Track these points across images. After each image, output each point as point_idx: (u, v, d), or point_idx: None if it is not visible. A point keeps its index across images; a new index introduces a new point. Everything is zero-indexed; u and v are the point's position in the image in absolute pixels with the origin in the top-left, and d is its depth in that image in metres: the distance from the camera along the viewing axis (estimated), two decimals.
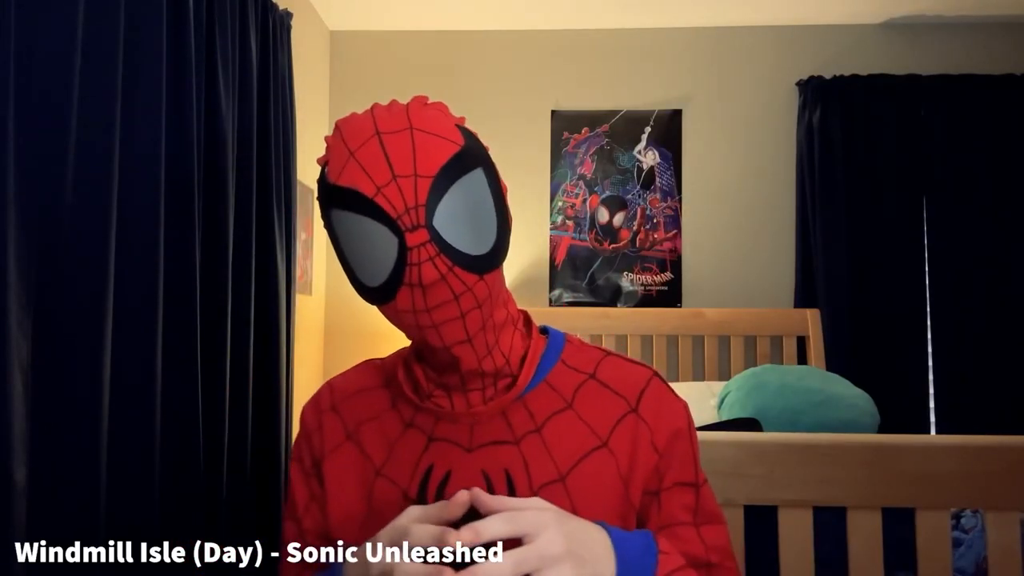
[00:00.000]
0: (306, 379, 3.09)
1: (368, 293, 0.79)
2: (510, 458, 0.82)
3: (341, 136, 0.78)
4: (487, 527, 0.67)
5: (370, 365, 0.95)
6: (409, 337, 0.84)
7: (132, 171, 1.65)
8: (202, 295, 1.97)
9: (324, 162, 0.79)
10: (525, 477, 0.81)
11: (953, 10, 3.14)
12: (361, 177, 0.75)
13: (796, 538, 1.10)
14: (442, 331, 0.78)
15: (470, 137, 0.79)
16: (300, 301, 2.98)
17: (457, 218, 0.76)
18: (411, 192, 0.74)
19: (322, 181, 0.79)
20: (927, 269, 3.15)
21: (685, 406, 0.89)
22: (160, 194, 1.69)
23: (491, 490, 0.81)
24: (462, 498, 0.70)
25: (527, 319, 0.92)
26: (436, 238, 0.75)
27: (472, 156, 0.78)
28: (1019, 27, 3.26)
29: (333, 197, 0.77)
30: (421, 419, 0.86)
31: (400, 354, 0.93)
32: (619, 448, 0.83)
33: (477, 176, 0.78)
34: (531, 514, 0.69)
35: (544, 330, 0.94)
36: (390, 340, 3.33)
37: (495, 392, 0.85)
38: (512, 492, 0.81)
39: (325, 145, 0.81)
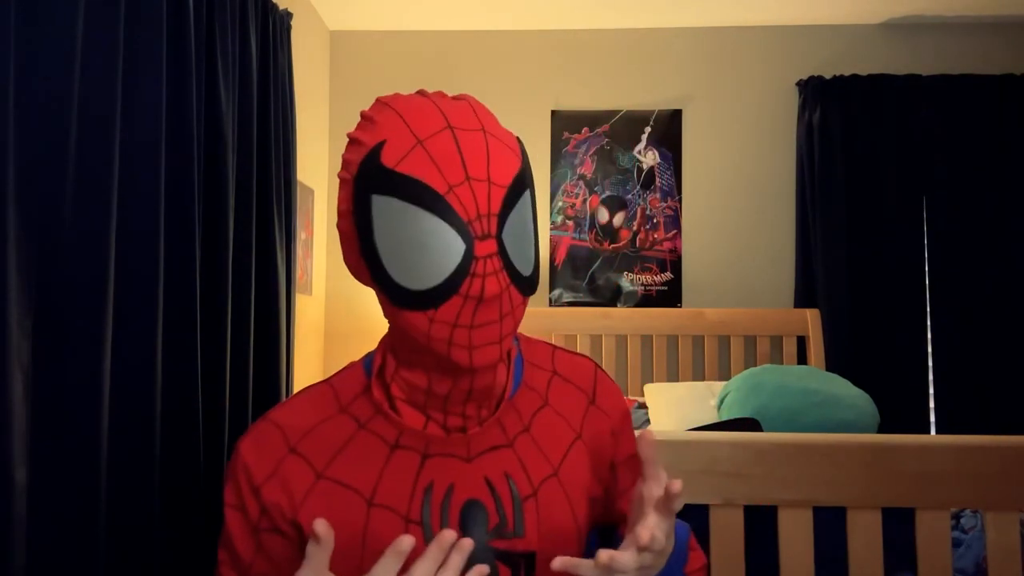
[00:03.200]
0: (306, 379, 3.09)
1: (401, 295, 0.71)
2: (508, 460, 0.81)
3: (402, 119, 0.71)
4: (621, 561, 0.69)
5: (313, 394, 0.84)
6: (419, 350, 0.74)
7: (132, 171, 1.65)
8: (202, 295, 1.97)
9: (379, 141, 0.71)
10: (524, 476, 0.81)
11: (953, 10, 3.14)
12: (431, 170, 0.69)
13: (796, 538, 1.10)
14: (475, 353, 0.72)
15: (525, 153, 0.78)
16: (300, 301, 2.98)
17: (517, 235, 0.73)
18: (485, 198, 0.69)
19: (371, 162, 0.70)
20: (927, 269, 3.15)
21: (618, 388, 0.95)
22: (160, 194, 1.69)
23: (495, 495, 0.79)
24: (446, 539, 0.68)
25: None
26: (503, 252, 0.71)
27: (529, 174, 0.77)
28: (1019, 27, 3.26)
29: (386, 183, 0.69)
30: (409, 437, 0.79)
31: (351, 375, 0.85)
32: (588, 438, 0.88)
33: (530, 196, 0.77)
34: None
35: None
36: None
37: (490, 409, 0.82)
38: (514, 494, 0.80)
39: (369, 121, 0.74)
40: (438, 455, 0.79)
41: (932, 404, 3.12)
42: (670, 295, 3.26)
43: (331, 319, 3.36)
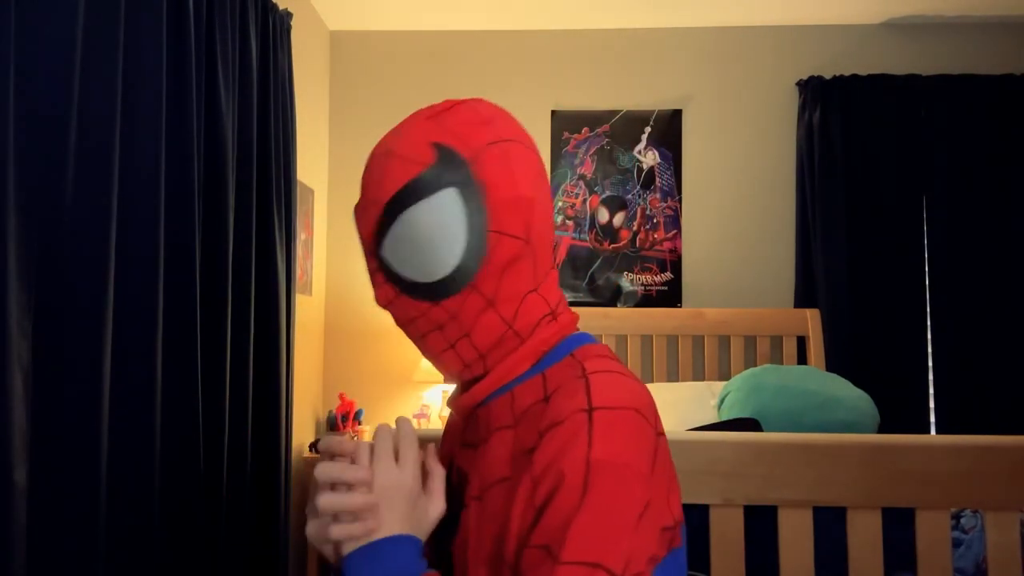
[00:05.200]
0: (306, 379, 3.09)
1: None
2: (469, 462, 0.81)
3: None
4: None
5: None
6: None
7: (132, 171, 1.65)
8: (202, 295, 1.97)
9: None
10: (467, 485, 0.79)
11: (953, 10, 3.14)
12: (361, 193, 0.80)
13: (796, 538, 1.10)
14: (417, 346, 0.83)
15: (445, 154, 0.74)
16: (300, 301, 2.98)
17: (406, 245, 0.75)
18: (368, 219, 0.78)
19: None
20: (927, 269, 3.15)
21: (591, 457, 0.66)
22: (160, 194, 1.69)
23: (449, 485, 0.85)
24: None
25: (560, 324, 0.81)
26: (384, 266, 0.78)
27: (437, 177, 0.74)
28: (1019, 27, 3.26)
29: None
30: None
31: None
32: (515, 486, 0.71)
33: (442, 198, 0.74)
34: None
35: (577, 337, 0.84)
36: (390, 340, 3.33)
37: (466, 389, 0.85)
38: (461, 492, 0.80)
39: None
40: (453, 434, 0.89)
41: (932, 404, 3.12)
42: (670, 295, 3.26)
43: (331, 319, 3.36)
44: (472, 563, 0.74)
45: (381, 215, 0.76)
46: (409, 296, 0.77)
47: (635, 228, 3.29)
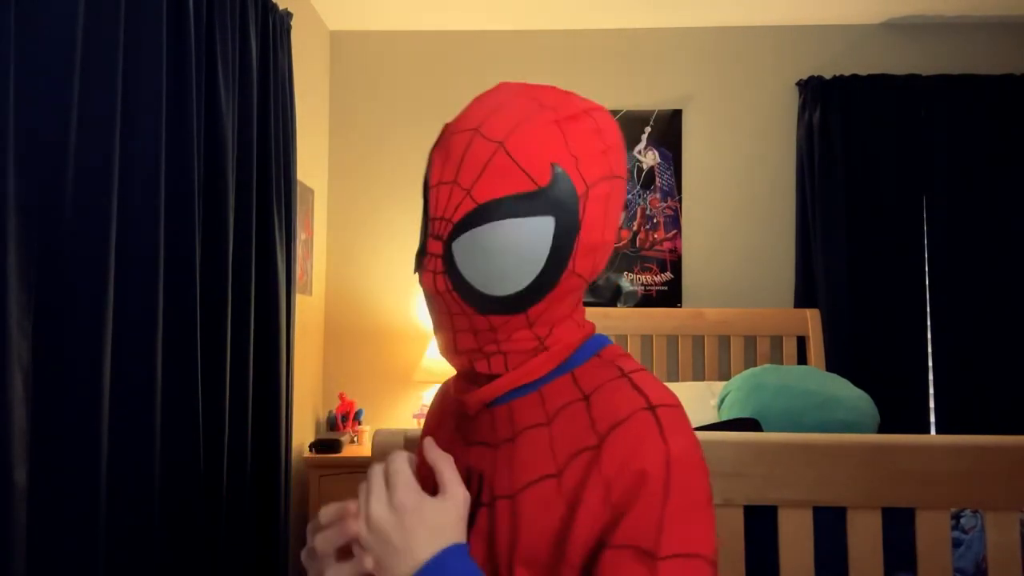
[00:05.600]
0: (306, 379, 3.09)
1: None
2: (487, 461, 0.79)
3: (467, 108, 0.78)
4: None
5: None
6: None
7: (132, 171, 1.65)
8: (202, 295, 1.97)
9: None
10: (489, 484, 0.78)
11: (953, 10, 3.14)
12: (437, 163, 0.75)
13: (796, 538, 1.10)
14: (437, 331, 0.80)
15: (561, 181, 0.71)
16: (300, 301, 2.98)
17: (483, 251, 0.72)
18: (453, 205, 0.72)
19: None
20: (927, 269, 3.15)
21: (670, 453, 0.69)
22: (160, 194, 1.69)
23: (469, 486, 0.80)
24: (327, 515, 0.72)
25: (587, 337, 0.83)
26: (447, 257, 0.73)
27: (544, 202, 0.71)
28: (1019, 27, 3.26)
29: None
30: (450, 404, 0.91)
31: None
32: (568, 485, 0.71)
33: (540, 223, 0.72)
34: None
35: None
36: (390, 340, 3.33)
37: (479, 386, 0.82)
38: (480, 495, 0.78)
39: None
40: (452, 432, 0.86)
41: (932, 404, 3.12)
42: (670, 295, 3.26)
43: (331, 319, 3.36)
44: (504, 562, 0.73)
45: (472, 212, 0.72)
46: (459, 296, 0.74)
47: (635, 228, 3.29)
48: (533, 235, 0.72)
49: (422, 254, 0.77)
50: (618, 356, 0.79)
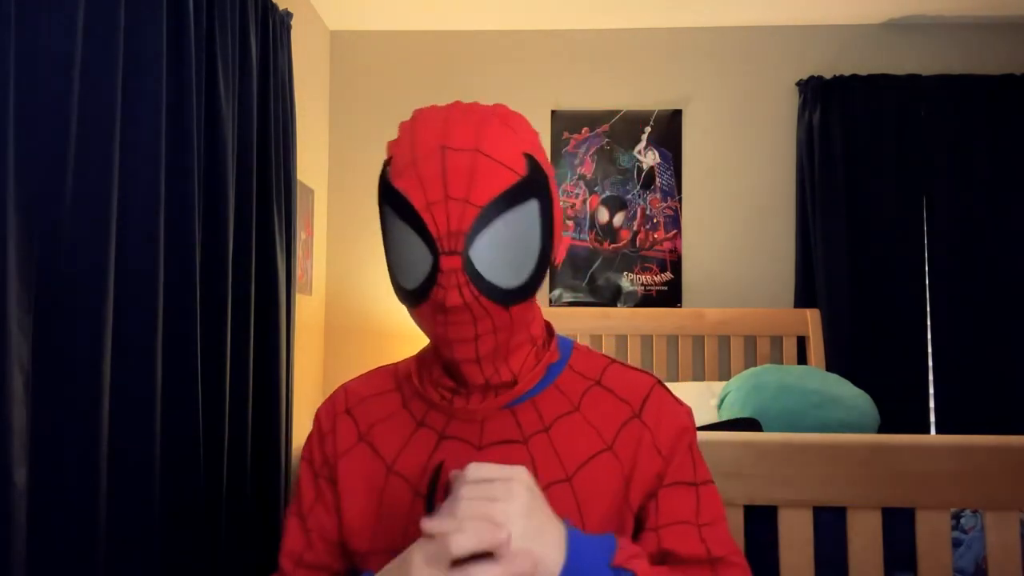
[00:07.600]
0: (306, 379, 3.09)
1: (398, 290, 0.83)
2: (519, 457, 0.84)
3: (412, 136, 0.79)
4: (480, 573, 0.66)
5: (384, 370, 0.97)
6: (429, 338, 0.86)
7: (132, 171, 1.65)
8: (202, 295, 1.97)
9: (389, 157, 0.82)
10: (533, 475, 0.82)
11: (953, 10, 3.14)
12: (415, 188, 0.77)
13: (796, 538, 1.10)
14: (454, 347, 0.81)
15: (534, 166, 0.80)
16: (300, 301, 2.98)
17: (497, 249, 0.78)
18: (457, 217, 0.76)
19: (383, 175, 0.82)
20: (927, 269, 3.15)
21: (688, 411, 0.90)
22: (160, 194, 1.69)
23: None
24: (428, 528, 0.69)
25: (549, 330, 0.94)
26: (468, 266, 0.77)
27: (529, 187, 0.79)
28: (1019, 27, 3.26)
29: (388, 195, 0.80)
30: (433, 417, 0.88)
31: (416, 356, 0.96)
32: (623, 452, 0.85)
33: (529, 208, 0.79)
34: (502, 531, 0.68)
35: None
36: (390, 340, 3.33)
37: (496, 395, 0.86)
38: None
39: (399, 133, 0.83)
40: (453, 438, 0.87)
41: (932, 404, 3.12)
42: (670, 295, 3.26)
43: (331, 319, 3.36)
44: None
45: (478, 216, 0.76)
46: (488, 298, 0.78)
47: (635, 228, 3.29)
48: (529, 219, 0.80)
49: (431, 283, 0.78)
50: (587, 348, 0.95)
